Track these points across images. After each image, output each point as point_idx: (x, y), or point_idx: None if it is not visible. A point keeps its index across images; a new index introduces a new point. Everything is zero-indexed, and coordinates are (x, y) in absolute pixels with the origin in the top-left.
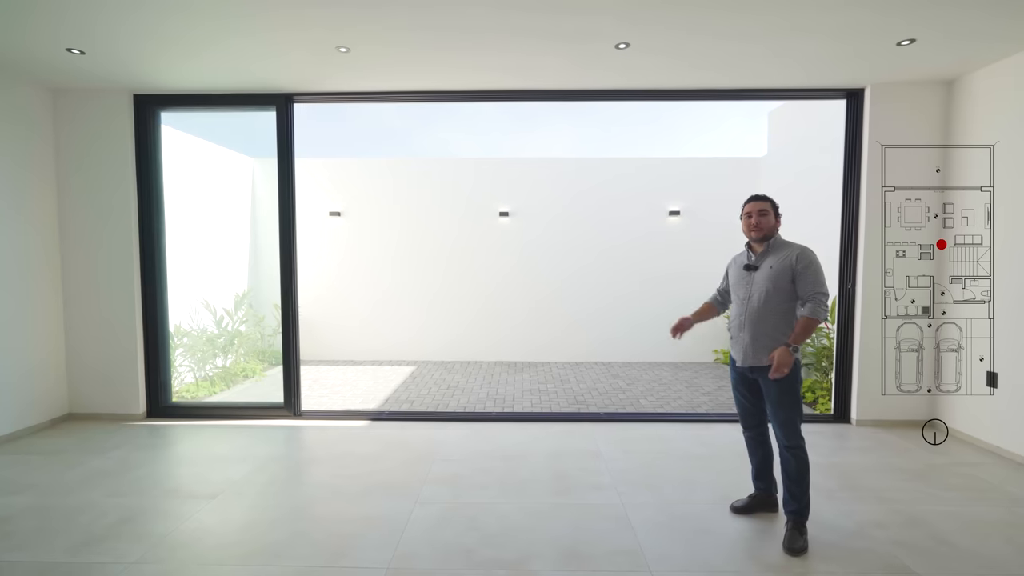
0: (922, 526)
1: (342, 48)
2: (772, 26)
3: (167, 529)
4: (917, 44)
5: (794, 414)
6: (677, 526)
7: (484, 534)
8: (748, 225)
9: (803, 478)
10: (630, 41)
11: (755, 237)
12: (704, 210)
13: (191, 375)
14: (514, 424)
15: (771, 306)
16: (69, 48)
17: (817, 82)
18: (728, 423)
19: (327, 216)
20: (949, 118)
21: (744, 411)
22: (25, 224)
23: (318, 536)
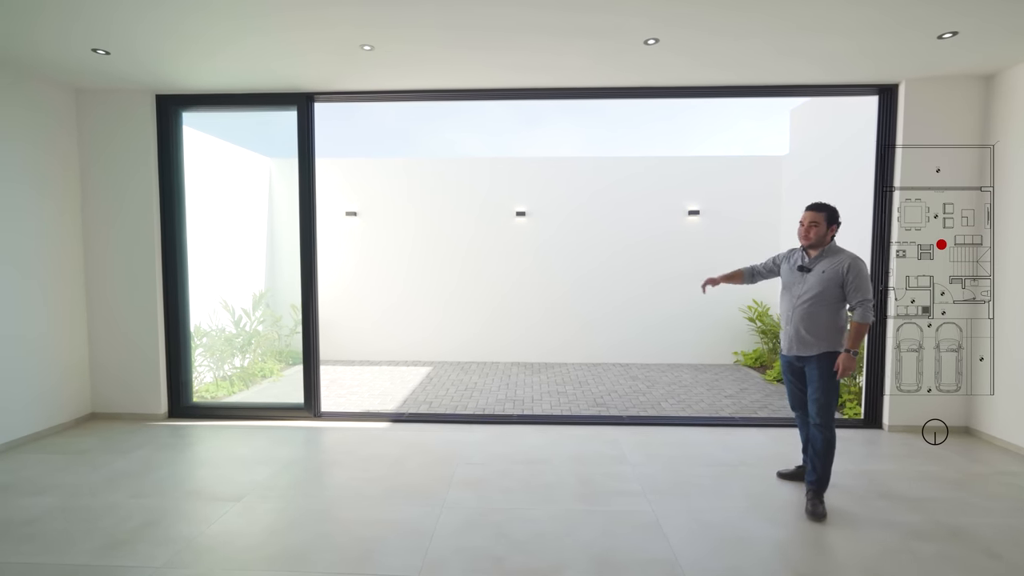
0: (968, 539)
1: (366, 46)
2: (806, 22)
3: (193, 532)
4: (959, 37)
5: (829, 399)
6: (711, 534)
7: (513, 541)
8: (800, 232)
9: (827, 454)
10: (659, 37)
11: (804, 244)
12: (724, 209)
13: (210, 375)
14: (535, 427)
15: (818, 306)
16: (95, 48)
17: (848, 78)
18: (754, 427)
19: (343, 216)
20: (988, 114)
21: (791, 394)
22: (49, 224)
23: (344, 541)
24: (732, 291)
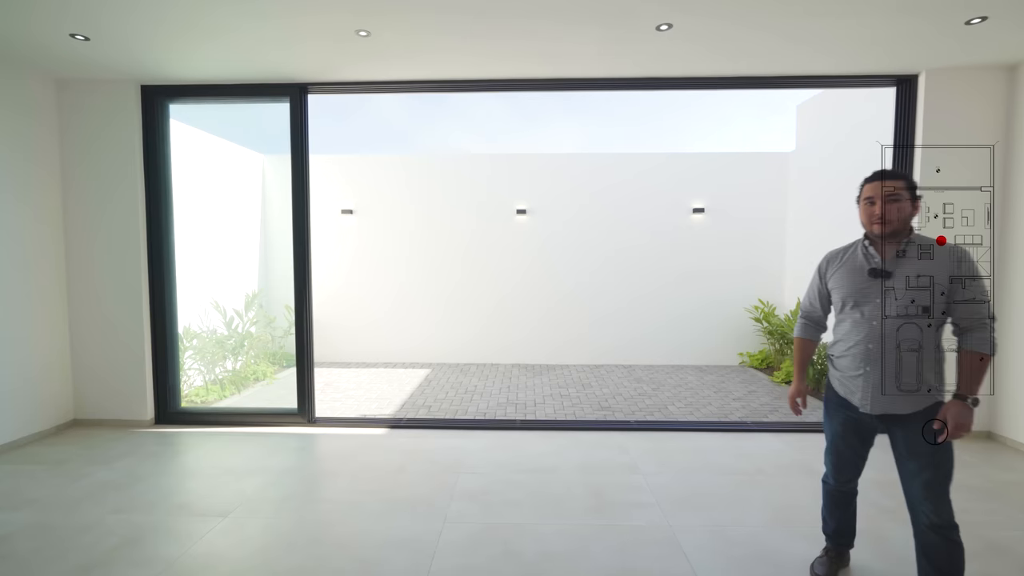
0: (1009, 555)
1: (362, 32)
2: (826, 8)
3: (176, 552)
4: (988, 23)
5: (949, 479)
6: (732, 552)
7: (523, 561)
8: (869, 214)
9: (959, 570)
10: (673, 22)
11: (878, 232)
12: (729, 207)
13: (200, 378)
14: (540, 433)
15: (916, 330)
16: (73, 34)
17: (864, 68)
18: (767, 432)
19: (339, 214)
20: (1012, 106)
21: (845, 462)
22: (29, 221)
23: (340, 562)
24: (737, 290)
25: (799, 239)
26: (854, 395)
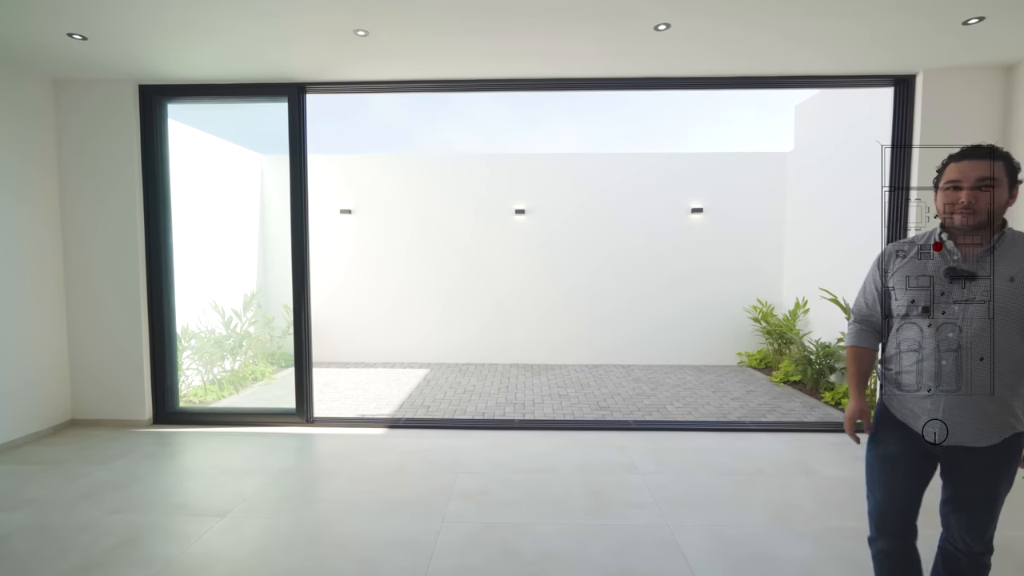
0: (1009, 555)
1: (360, 31)
2: (826, 8)
3: (174, 552)
4: (986, 23)
5: (1000, 506)
6: (732, 552)
7: (522, 561)
8: (952, 202)
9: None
10: (671, 22)
11: (962, 223)
12: (727, 207)
13: (198, 378)
14: (539, 433)
15: (1009, 343)
16: (70, 33)
17: (861, 68)
18: (766, 432)
19: (338, 214)
20: (1010, 106)
21: (895, 502)
22: (27, 222)
23: (338, 562)
24: (735, 290)
25: (798, 239)
26: (918, 419)
